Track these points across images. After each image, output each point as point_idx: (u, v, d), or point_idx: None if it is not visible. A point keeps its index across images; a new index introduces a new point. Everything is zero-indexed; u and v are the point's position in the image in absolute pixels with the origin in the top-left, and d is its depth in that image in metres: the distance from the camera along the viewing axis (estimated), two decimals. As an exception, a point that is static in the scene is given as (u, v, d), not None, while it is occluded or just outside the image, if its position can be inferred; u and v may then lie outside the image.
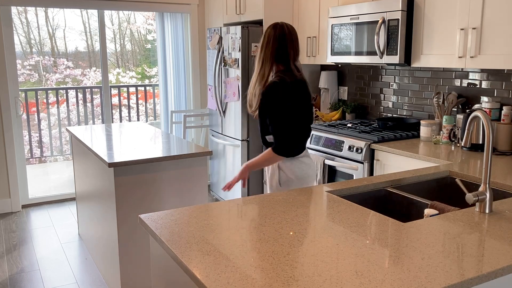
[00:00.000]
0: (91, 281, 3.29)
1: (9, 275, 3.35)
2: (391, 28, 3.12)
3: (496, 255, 1.33)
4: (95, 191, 3.33)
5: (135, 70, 8.41)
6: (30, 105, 6.04)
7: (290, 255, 1.33)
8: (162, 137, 3.57)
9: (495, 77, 3.00)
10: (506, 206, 1.77)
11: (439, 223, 1.59)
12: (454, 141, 3.02)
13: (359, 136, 3.20)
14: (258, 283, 1.17)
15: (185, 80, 5.34)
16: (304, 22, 4.15)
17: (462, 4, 2.76)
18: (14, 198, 4.70)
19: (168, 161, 2.92)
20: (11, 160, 4.62)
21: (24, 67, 7.25)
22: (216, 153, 4.76)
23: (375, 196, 2.09)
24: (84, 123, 6.35)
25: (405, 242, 1.42)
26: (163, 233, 1.50)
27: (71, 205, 4.90)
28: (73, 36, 7.87)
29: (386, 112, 3.85)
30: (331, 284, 1.16)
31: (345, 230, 1.52)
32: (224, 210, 1.74)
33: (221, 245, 1.40)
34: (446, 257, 1.31)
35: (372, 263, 1.27)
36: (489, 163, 1.68)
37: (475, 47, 2.70)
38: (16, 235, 4.10)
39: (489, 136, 1.69)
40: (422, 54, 3.06)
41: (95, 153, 2.98)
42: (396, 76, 3.72)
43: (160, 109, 5.42)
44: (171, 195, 2.98)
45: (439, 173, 2.29)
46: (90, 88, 7.21)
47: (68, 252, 3.76)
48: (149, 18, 8.09)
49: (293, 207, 1.75)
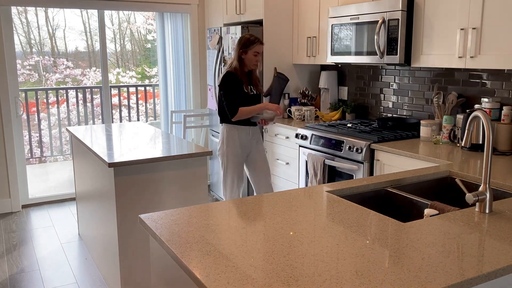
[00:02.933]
0: (91, 281, 3.29)
1: (9, 275, 3.35)
2: (391, 28, 3.12)
3: (496, 255, 1.33)
4: (95, 191, 3.33)
5: (135, 70, 8.41)
6: (30, 105, 6.03)
7: (290, 255, 1.33)
8: (162, 137, 3.57)
9: (495, 77, 3.00)
10: (506, 206, 1.77)
11: (439, 223, 1.59)
12: (454, 141, 3.02)
13: (359, 136, 3.20)
14: (258, 283, 1.17)
15: (185, 80, 5.34)
16: (304, 22, 4.15)
17: (462, 4, 2.76)
18: (14, 198, 4.70)
19: (168, 161, 2.92)
20: (11, 160, 4.62)
21: (24, 67, 7.25)
22: (216, 153, 4.76)
23: (375, 196, 2.09)
24: (84, 123, 6.35)
25: (405, 242, 1.42)
26: (163, 233, 1.50)
27: (71, 205, 4.90)
28: (73, 36, 7.87)
29: (386, 112, 3.85)
30: (331, 284, 1.16)
31: (345, 230, 1.52)
32: (224, 210, 1.74)
33: (221, 245, 1.40)
34: (446, 257, 1.31)
35: (372, 263, 1.27)
36: (489, 163, 1.68)
37: (475, 47, 2.70)
38: (16, 235, 4.10)
39: (489, 136, 1.69)
40: (422, 54, 3.06)
41: (95, 153, 2.98)
42: (396, 76, 3.72)
43: (160, 109, 5.42)
44: (171, 195, 2.98)
45: (439, 173, 2.29)
46: (90, 88, 7.21)
47: (68, 252, 3.76)
48: (149, 18, 8.09)
49: (293, 207, 1.75)
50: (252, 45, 3.28)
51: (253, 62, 3.32)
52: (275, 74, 4.28)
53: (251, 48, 3.28)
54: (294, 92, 4.43)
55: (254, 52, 3.29)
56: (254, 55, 3.30)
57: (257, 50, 3.30)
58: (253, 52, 3.29)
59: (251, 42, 3.28)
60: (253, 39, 3.29)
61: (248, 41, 3.29)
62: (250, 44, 3.28)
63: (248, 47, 3.29)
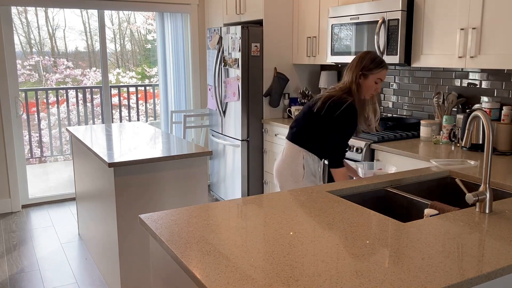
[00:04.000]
0: (91, 281, 3.29)
1: (9, 275, 3.35)
2: (391, 28, 3.12)
3: (496, 255, 1.33)
4: (95, 191, 3.33)
5: (135, 70, 8.41)
6: (30, 105, 6.03)
7: (290, 255, 1.33)
8: (162, 137, 3.57)
9: (495, 77, 3.00)
10: (506, 206, 1.77)
11: (439, 223, 1.59)
12: (454, 141, 3.02)
13: (359, 136, 3.20)
14: (258, 283, 1.17)
15: (185, 80, 5.34)
16: (304, 22, 4.15)
17: (462, 4, 2.76)
18: (14, 198, 4.70)
19: (168, 161, 2.92)
20: (11, 160, 4.62)
21: (24, 67, 7.25)
22: (216, 153, 4.76)
23: (375, 196, 2.09)
24: (84, 123, 6.35)
25: (405, 242, 1.42)
26: (163, 233, 1.50)
27: (71, 205, 4.90)
28: (73, 36, 7.87)
29: (386, 112, 3.85)
30: (331, 284, 1.16)
31: (345, 230, 1.52)
32: (224, 210, 1.74)
33: (221, 245, 1.40)
34: (446, 257, 1.31)
35: (372, 263, 1.27)
36: (489, 163, 1.68)
37: (475, 47, 2.70)
38: (16, 235, 4.10)
39: (489, 136, 1.69)
40: (422, 54, 3.06)
41: (95, 153, 2.98)
42: (396, 76, 3.72)
43: (160, 109, 5.42)
44: (171, 195, 2.98)
45: (439, 173, 2.29)
46: (90, 88, 7.21)
47: (68, 252, 3.76)
48: (149, 18, 8.09)
49: (293, 207, 1.75)
50: (377, 70, 2.51)
51: (370, 92, 2.54)
52: (275, 74, 4.28)
53: (375, 73, 2.50)
54: (294, 92, 4.43)
55: (376, 79, 2.52)
56: (376, 83, 2.52)
57: (381, 77, 2.53)
58: (375, 78, 2.51)
59: (377, 65, 2.51)
60: (379, 61, 2.52)
61: (373, 63, 2.51)
62: (375, 67, 2.51)
63: (372, 70, 2.50)
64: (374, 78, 2.50)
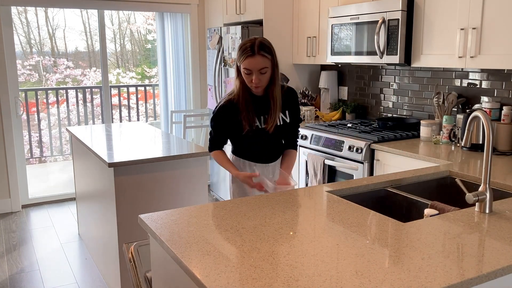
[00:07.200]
0: (91, 281, 3.29)
1: (9, 275, 3.35)
2: (391, 28, 3.12)
3: (496, 255, 1.33)
4: (95, 191, 3.33)
5: (135, 71, 8.41)
6: (30, 105, 6.04)
7: (290, 255, 1.33)
8: (162, 137, 3.57)
9: (495, 77, 3.00)
10: (506, 206, 1.77)
11: (439, 223, 1.59)
12: (454, 141, 3.01)
13: (359, 136, 3.20)
14: (258, 283, 1.17)
15: (185, 80, 5.34)
16: (304, 22, 4.15)
17: (462, 4, 2.76)
18: (14, 198, 4.70)
19: (168, 161, 2.92)
20: (11, 160, 4.62)
21: (24, 67, 7.25)
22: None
23: (375, 196, 2.08)
24: (84, 123, 6.35)
25: (405, 242, 1.42)
26: (163, 233, 1.50)
27: (71, 205, 4.90)
28: (73, 36, 7.87)
29: (386, 112, 3.85)
30: (331, 284, 1.16)
31: (345, 230, 1.52)
32: (224, 210, 1.74)
33: (221, 245, 1.40)
34: (446, 257, 1.31)
35: (372, 263, 1.27)
36: (489, 163, 1.68)
37: (475, 47, 2.70)
38: (16, 235, 4.10)
39: (489, 136, 1.69)
40: (422, 54, 3.06)
41: (95, 153, 2.98)
42: (396, 76, 3.72)
43: (160, 109, 5.42)
44: (171, 195, 2.98)
45: (439, 173, 2.29)
46: (90, 88, 7.21)
47: (68, 252, 3.76)
48: (149, 18, 8.09)
49: (293, 207, 1.75)
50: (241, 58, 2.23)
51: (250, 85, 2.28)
52: (275, 74, 4.27)
53: (241, 61, 2.23)
54: (294, 92, 4.43)
55: (244, 69, 2.23)
56: (247, 74, 2.23)
57: (246, 66, 2.21)
58: (242, 69, 2.24)
59: (240, 52, 2.22)
60: (242, 48, 2.21)
61: (239, 51, 2.24)
62: (240, 55, 2.23)
63: (239, 59, 2.24)
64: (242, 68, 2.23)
